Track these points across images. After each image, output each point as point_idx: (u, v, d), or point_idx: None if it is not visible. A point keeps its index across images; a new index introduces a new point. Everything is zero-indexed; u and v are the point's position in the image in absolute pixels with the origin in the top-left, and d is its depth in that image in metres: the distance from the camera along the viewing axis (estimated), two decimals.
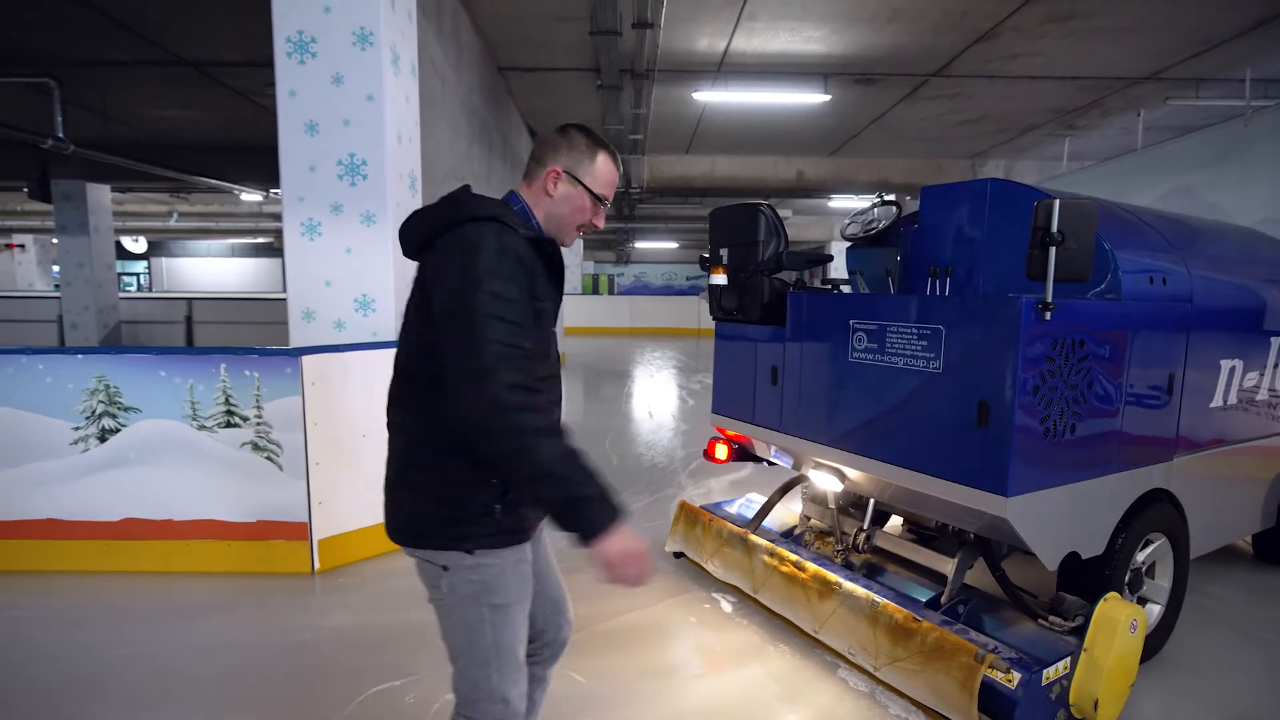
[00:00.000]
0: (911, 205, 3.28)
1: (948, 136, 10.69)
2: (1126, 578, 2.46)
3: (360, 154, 3.58)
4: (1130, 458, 2.40)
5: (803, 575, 2.69)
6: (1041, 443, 2.09)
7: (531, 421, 1.20)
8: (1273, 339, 3.01)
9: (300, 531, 3.29)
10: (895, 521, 3.39)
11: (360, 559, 3.47)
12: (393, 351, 1.53)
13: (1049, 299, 1.98)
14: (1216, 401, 2.76)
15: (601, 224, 1.51)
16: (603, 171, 1.47)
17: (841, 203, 15.77)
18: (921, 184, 13.13)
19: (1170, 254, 2.59)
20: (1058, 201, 1.96)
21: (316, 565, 3.32)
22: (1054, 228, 1.96)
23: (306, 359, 3.22)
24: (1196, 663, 2.65)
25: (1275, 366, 3.04)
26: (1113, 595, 2.21)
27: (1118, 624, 2.14)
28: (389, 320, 3.69)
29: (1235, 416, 2.87)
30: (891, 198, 3.30)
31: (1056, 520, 2.19)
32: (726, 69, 7.71)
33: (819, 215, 20.19)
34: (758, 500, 3.58)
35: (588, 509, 1.20)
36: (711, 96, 8.24)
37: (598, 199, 1.47)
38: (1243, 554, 3.63)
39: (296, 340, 3.64)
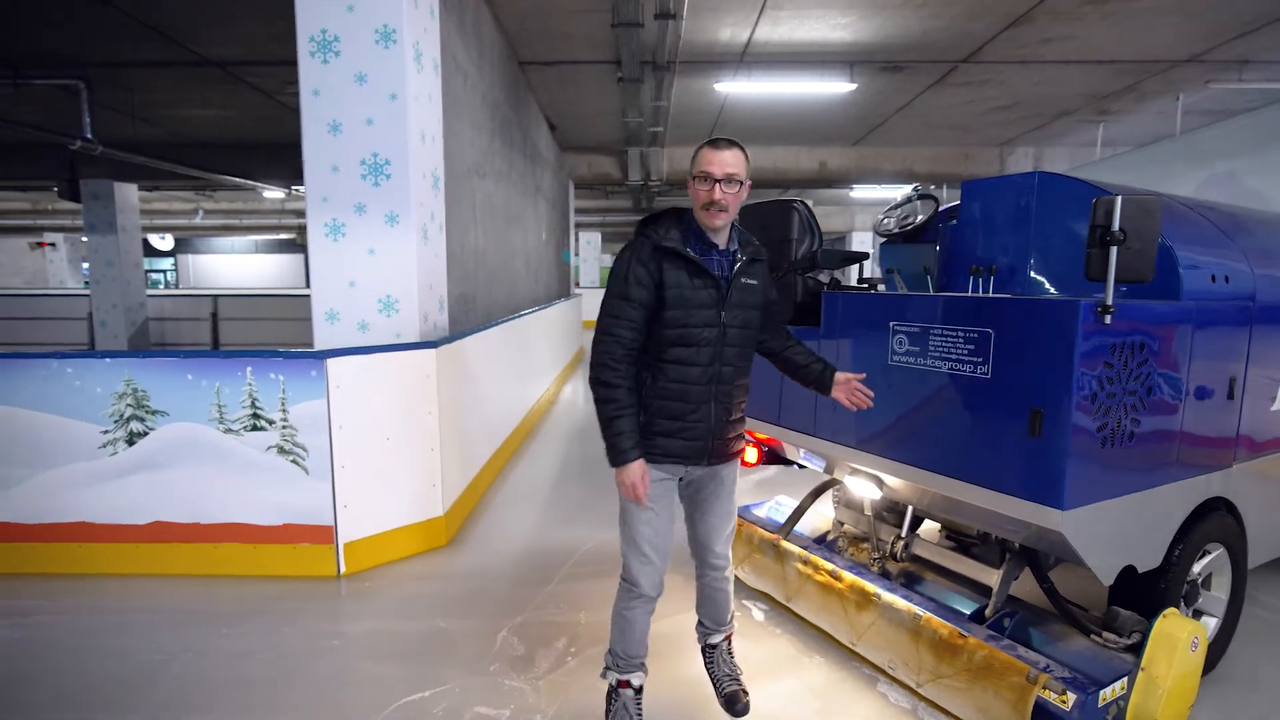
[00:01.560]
0: (947, 198, 3.16)
1: (976, 124, 10.42)
2: (1183, 590, 2.34)
3: (383, 153, 3.53)
4: (1189, 465, 2.28)
5: (839, 585, 2.60)
6: (1098, 453, 1.98)
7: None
8: None
9: (326, 535, 3.27)
10: (930, 526, 3.29)
11: (386, 562, 3.45)
12: (416, 353, 2.02)
13: (1109, 301, 1.86)
14: (1278, 404, 2.61)
15: (718, 195, 1.92)
16: (696, 158, 1.97)
17: (863, 193, 15.53)
18: (947, 173, 12.83)
19: (1231, 249, 2.45)
20: (1120, 198, 1.84)
21: (342, 569, 3.30)
22: (1115, 226, 1.85)
23: (331, 362, 3.19)
24: (1254, 678, 2.53)
25: None
26: (1172, 611, 2.11)
27: (1178, 642, 2.04)
28: (412, 321, 3.65)
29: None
30: (929, 191, 3.18)
31: (1112, 533, 2.08)
32: (749, 59, 7.56)
33: (840, 205, 19.91)
34: (787, 503, 3.49)
35: (611, 449, 1.95)
36: (733, 88, 8.10)
37: (696, 177, 1.96)
38: None
39: (320, 341, 3.62)
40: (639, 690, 2.16)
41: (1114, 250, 1.86)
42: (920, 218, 3.09)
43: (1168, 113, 9.43)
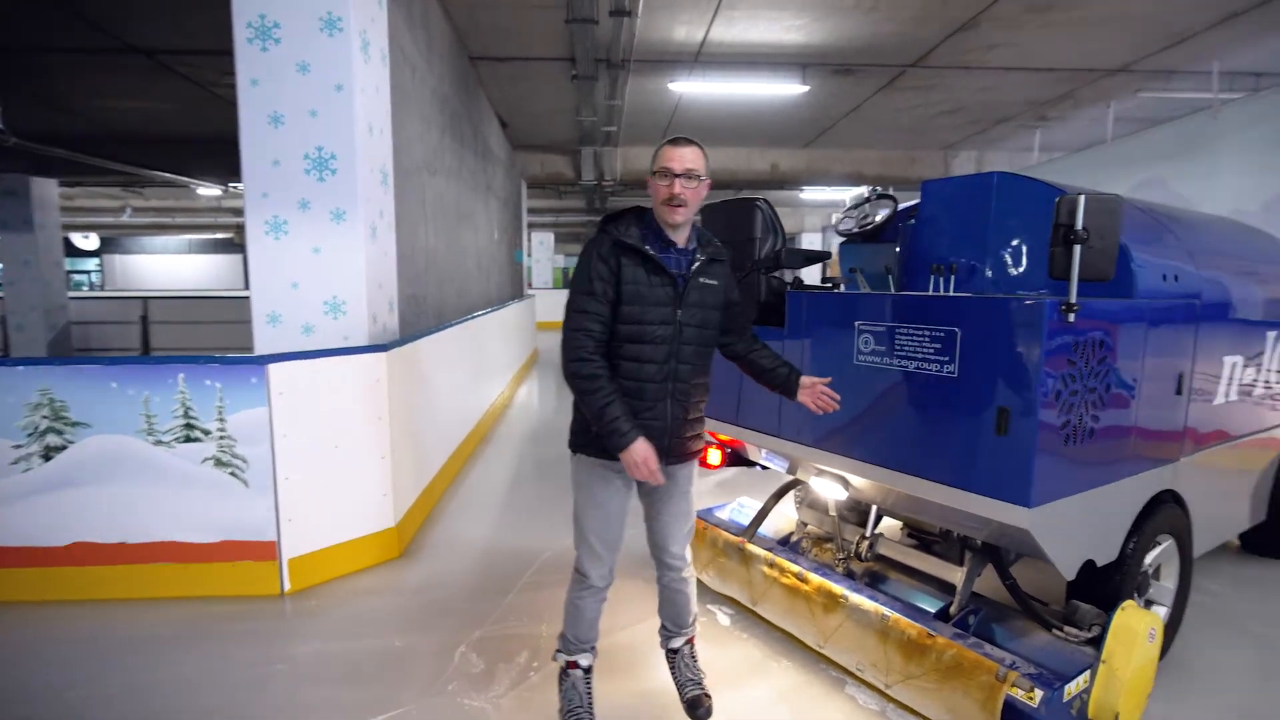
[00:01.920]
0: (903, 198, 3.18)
1: (922, 128, 10.70)
2: (1137, 582, 2.39)
3: (329, 147, 3.36)
4: (1142, 460, 2.33)
5: (806, 588, 2.58)
6: (1062, 450, 2.00)
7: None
8: (1268, 332, 2.98)
9: (268, 551, 3.08)
10: (892, 523, 3.31)
11: (334, 578, 3.27)
12: (365, 357, 2.00)
13: (1073, 300, 1.88)
14: (1219, 398, 2.71)
15: (678, 190, 1.94)
16: (656, 155, 2.00)
17: (813, 194, 15.78)
18: (895, 175, 13.13)
19: (1177, 249, 2.53)
20: (1083, 197, 1.86)
21: (287, 586, 3.11)
22: (1078, 225, 1.86)
23: (274, 367, 3.01)
24: (1200, 664, 2.61)
25: (1270, 360, 3.01)
26: (1129, 603, 2.14)
27: (1136, 634, 2.07)
28: (361, 324, 3.48)
29: (1235, 412, 2.84)
30: (887, 191, 3.20)
31: (1074, 529, 2.10)
32: (704, 59, 7.56)
33: (791, 207, 20.19)
34: (750, 505, 3.46)
35: (611, 437, 1.92)
36: (688, 87, 8.09)
37: (656, 174, 1.98)
38: (1227, 548, 3.62)
39: (261, 346, 3.42)
40: (588, 670, 2.24)
41: (1077, 249, 1.88)
42: (879, 217, 3.10)
43: (1100, 120, 9.84)
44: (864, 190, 15.17)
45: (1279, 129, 7.01)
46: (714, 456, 3.21)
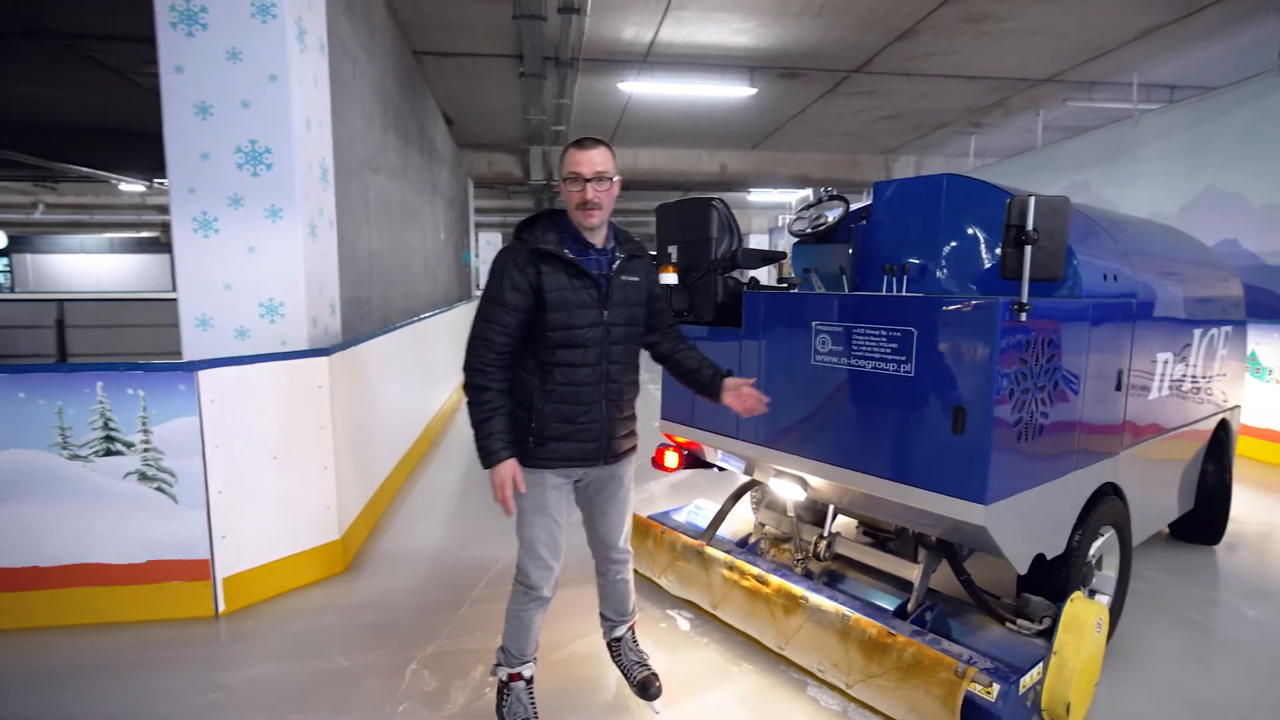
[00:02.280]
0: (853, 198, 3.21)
1: (865, 132, 10.97)
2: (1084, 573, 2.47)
3: (263, 140, 3.18)
4: (1087, 454, 2.41)
5: (766, 590, 2.57)
6: (1015, 447, 2.04)
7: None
8: (1194, 330, 3.13)
9: (201, 570, 2.89)
10: (847, 521, 3.34)
11: (274, 595, 3.09)
12: (305, 362, 2.30)
13: (1025, 299, 1.91)
14: (1154, 393, 2.83)
15: (590, 195, 1.94)
16: (564, 160, 1.99)
17: (760, 196, 16.00)
18: (838, 178, 13.44)
19: (1115, 251, 2.62)
20: (1033, 198, 1.89)
21: (221, 607, 2.92)
22: (1029, 226, 1.90)
23: (204, 374, 2.82)
24: (1139, 649, 2.71)
25: (1196, 356, 3.16)
26: (1077, 595, 2.20)
27: (1085, 625, 2.13)
28: (300, 327, 3.31)
29: (1167, 406, 2.97)
30: (838, 193, 3.23)
31: (1026, 524, 2.15)
32: (653, 59, 7.55)
33: (740, 209, 20.44)
34: (707, 507, 3.45)
35: (482, 451, 1.94)
36: (637, 87, 8.07)
37: (566, 179, 1.97)
38: (1159, 536, 3.80)
39: (191, 351, 3.21)
40: (530, 680, 2.21)
41: (1028, 250, 1.91)
42: (832, 218, 3.12)
43: (1030, 128, 10.30)
44: (807, 194, 15.48)
45: (1193, 138, 7.46)
46: (670, 459, 3.18)
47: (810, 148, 12.27)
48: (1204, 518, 3.53)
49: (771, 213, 20.26)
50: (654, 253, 3.05)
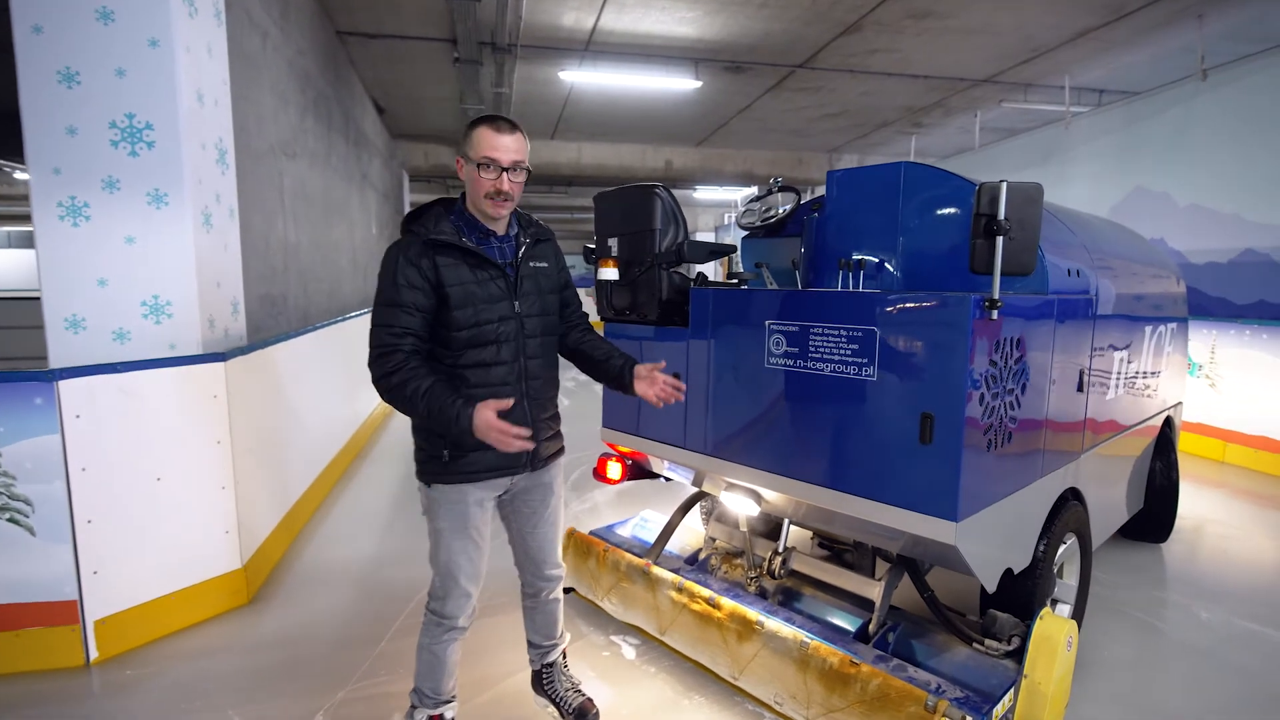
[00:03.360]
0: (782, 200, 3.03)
1: (809, 130, 10.96)
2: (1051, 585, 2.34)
3: (143, 115, 2.77)
4: (1051, 460, 2.28)
5: (718, 614, 2.35)
6: (985, 457, 1.87)
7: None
8: (1145, 327, 3.07)
9: (68, 613, 2.48)
10: (801, 532, 3.16)
11: (160, 637, 2.70)
12: (197, 368, 2.13)
13: (996, 295, 1.74)
14: (1111, 393, 2.74)
15: (506, 186, 1.73)
16: (476, 140, 1.73)
17: (706, 193, 15.92)
18: (783, 175, 13.47)
19: (1076, 246, 2.51)
20: (1005, 184, 1.72)
21: (93, 654, 2.52)
22: (1001, 214, 1.73)
23: (66, 384, 2.42)
24: (1100, 659, 2.62)
25: (1146, 353, 3.11)
26: (1047, 612, 2.06)
27: (1057, 644, 1.98)
28: (191, 328, 2.91)
29: (1122, 405, 2.89)
30: (790, 184, 3.05)
31: (996, 538, 1.99)
32: (595, 48, 7.28)
33: (685, 206, 20.34)
34: (654, 520, 3.22)
35: (457, 423, 1.62)
36: (579, 77, 7.78)
37: (479, 165, 1.72)
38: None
39: (59, 356, 2.78)
40: None
41: (999, 241, 1.74)
42: (783, 210, 2.94)
43: (968, 129, 10.48)
44: (753, 191, 15.49)
45: (1122, 140, 7.67)
46: (613, 470, 2.93)
47: (756, 145, 12.21)
48: (1153, 516, 3.50)
49: (718, 210, 20.26)
50: (592, 246, 2.80)
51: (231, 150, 3.35)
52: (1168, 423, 3.56)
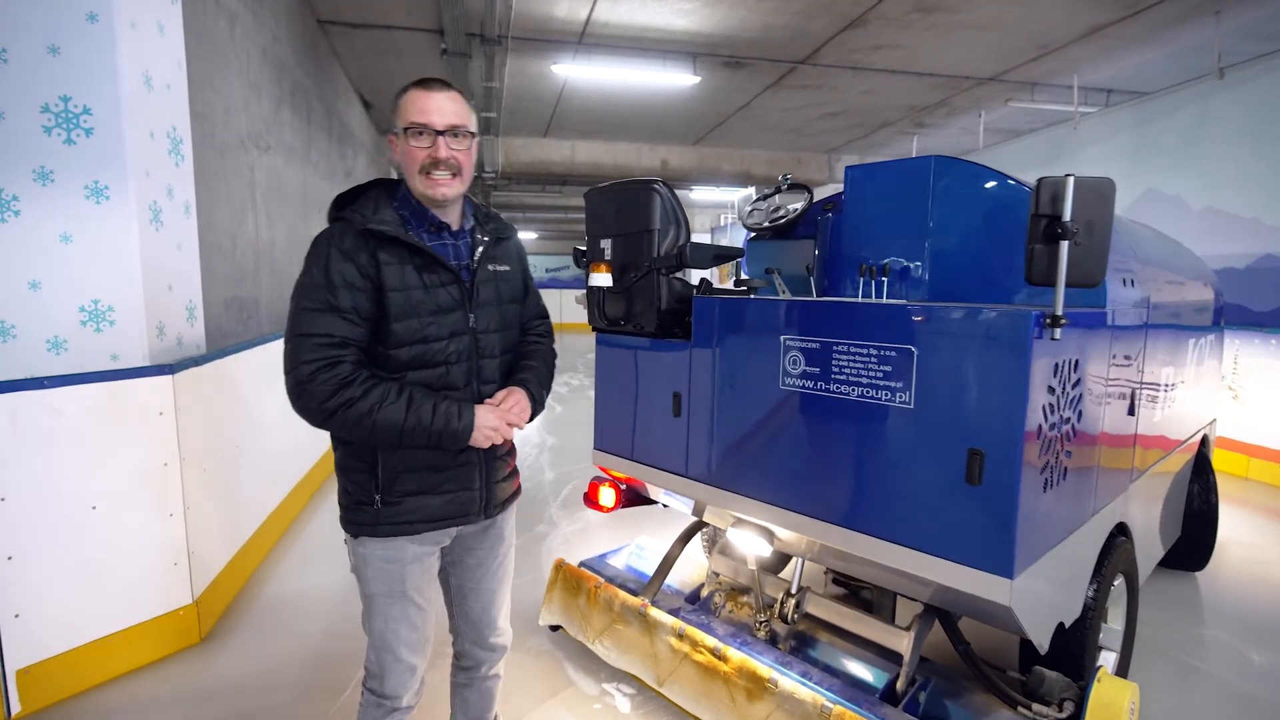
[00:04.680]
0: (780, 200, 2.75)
1: (808, 129, 10.71)
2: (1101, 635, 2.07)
3: (80, 98, 2.47)
4: (1102, 496, 2.01)
5: (724, 667, 2.06)
6: (1040, 499, 1.60)
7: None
8: (1189, 339, 2.82)
9: None
10: (813, 567, 2.89)
11: (91, 687, 2.40)
12: (140, 382, 2.02)
13: (1059, 311, 1.47)
14: (1158, 414, 2.48)
15: (443, 152, 1.41)
16: (404, 106, 1.42)
17: (702, 194, 15.65)
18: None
19: (1124, 250, 2.24)
20: (1072, 179, 1.45)
21: (15, 709, 2.22)
22: (1066, 215, 1.45)
23: None
24: (1149, 715, 2.34)
25: (1189, 368, 2.85)
26: (1104, 673, 1.79)
27: (1118, 712, 1.71)
28: (137, 337, 2.61)
29: (1167, 425, 2.63)
30: (800, 181, 2.77)
31: (1048, 591, 1.72)
32: (589, 41, 6.99)
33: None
34: (650, 548, 2.94)
35: (447, 428, 1.39)
36: (573, 71, 7.48)
37: (406, 132, 1.41)
38: None
39: None
40: None
41: (1064, 246, 1.47)
42: (795, 209, 2.66)
43: (971, 129, 10.25)
44: (750, 192, 15.20)
45: (1133, 140, 7.45)
46: (606, 496, 2.65)
47: (753, 144, 11.95)
48: (1191, 542, 3.24)
49: (714, 211, 19.99)
50: (582, 248, 2.52)
51: (189, 140, 3.05)
52: (1203, 441, 3.30)
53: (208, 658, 2.63)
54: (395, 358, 1.40)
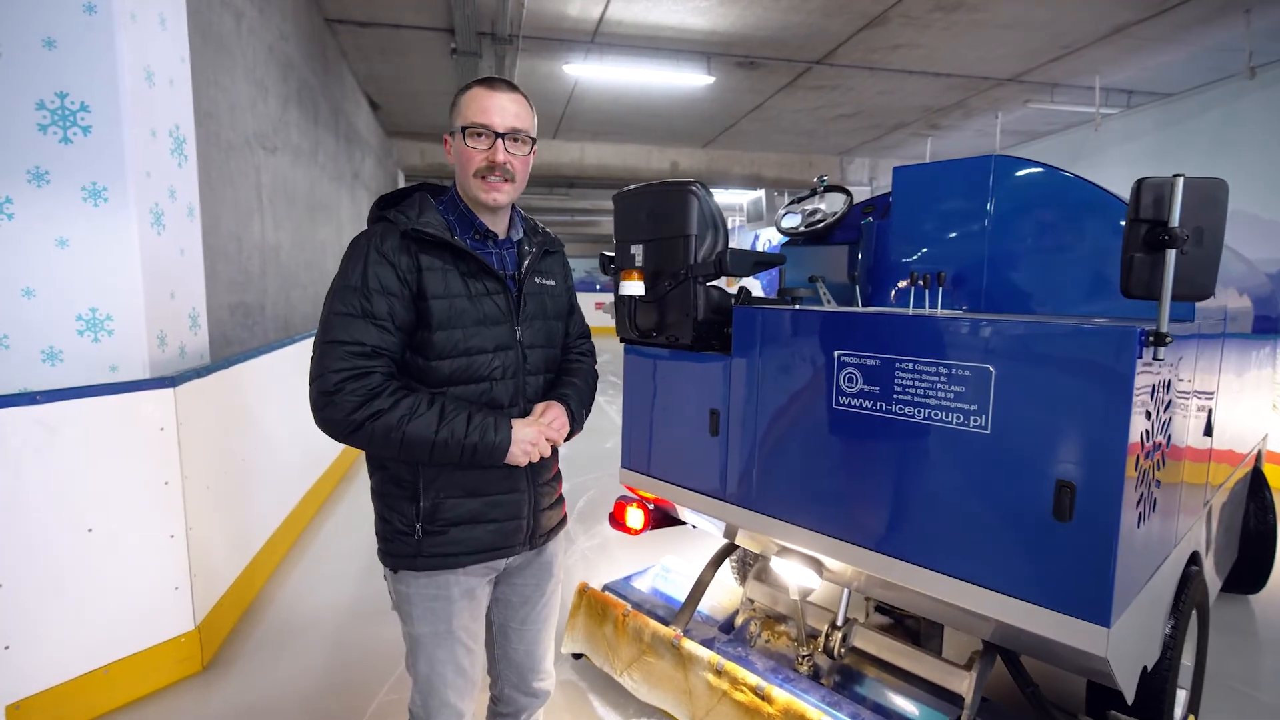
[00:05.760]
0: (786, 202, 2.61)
1: (821, 131, 10.55)
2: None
3: (77, 94, 2.33)
4: (1182, 525, 1.85)
5: (768, 709, 1.90)
6: (1134, 536, 1.44)
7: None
8: (1253, 350, 2.65)
9: None
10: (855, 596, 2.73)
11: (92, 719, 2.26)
12: (139, 395, 1.96)
13: (1164, 328, 1.31)
14: (1229, 431, 2.31)
15: (500, 156, 1.31)
16: (464, 104, 1.34)
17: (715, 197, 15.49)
18: (793, 179, 12.99)
19: None
20: (1181, 179, 1.29)
21: None
22: (1173, 219, 1.29)
23: None
24: None
25: (1252, 380, 2.69)
26: None
27: None
28: (137, 346, 2.47)
29: (1234, 442, 2.46)
30: (837, 183, 2.62)
31: (1138, 635, 1.56)
32: (601, 40, 6.85)
33: None
34: (677, 569, 2.78)
35: (483, 445, 1.27)
36: (585, 71, 7.34)
37: (466, 132, 1.31)
38: None
39: None
40: None
41: (1170, 255, 1.31)
42: (835, 213, 2.51)
43: (987, 131, 10.09)
44: (759, 195, 15.02)
45: (1156, 142, 7.27)
46: (634, 518, 2.49)
47: (764, 147, 11.80)
48: (1247, 564, 3.07)
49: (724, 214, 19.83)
50: (610, 253, 2.37)
51: (192, 140, 2.91)
52: (1257, 457, 3.13)
53: (210, 688, 2.48)
54: (437, 370, 1.31)
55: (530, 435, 1.33)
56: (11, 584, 2.07)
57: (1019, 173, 1.96)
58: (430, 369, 1.31)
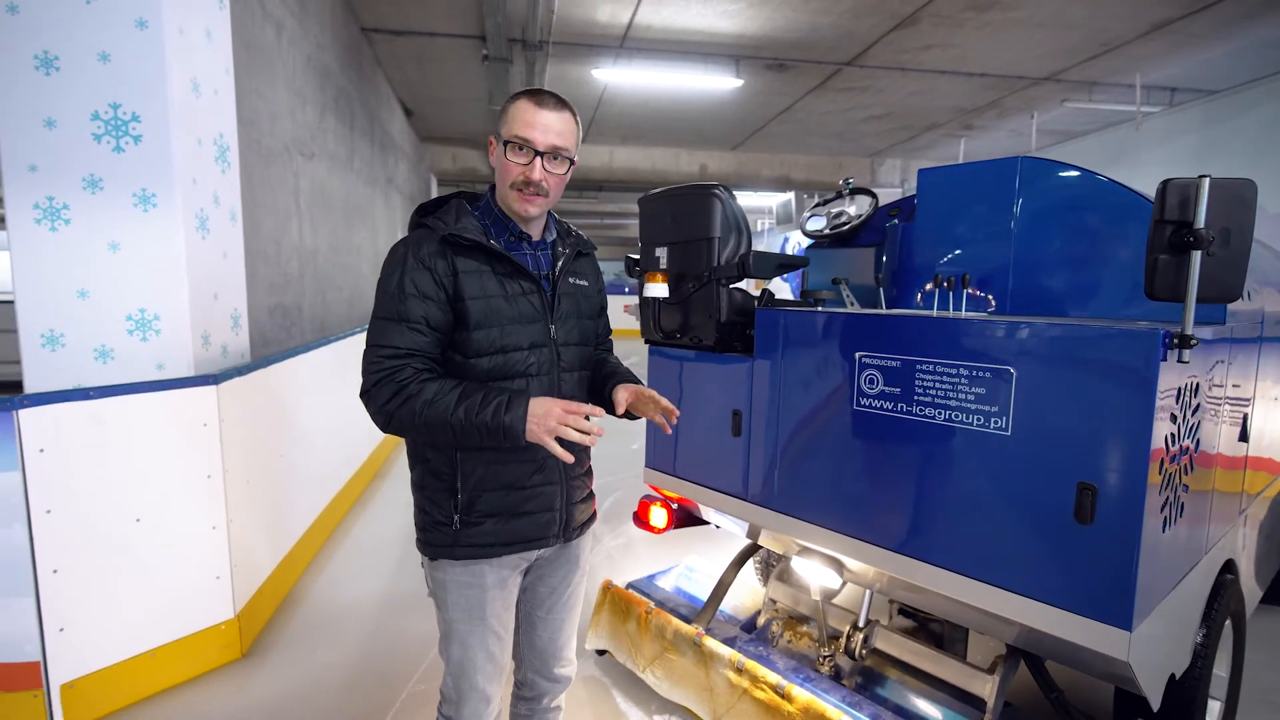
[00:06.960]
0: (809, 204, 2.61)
1: (851, 133, 10.48)
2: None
3: (129, 105, 2.45)
4: (1214, 531, 1.81)
5: (788, 707, 1.92)
6: (1158, 540, 1.42)
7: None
8: None
9: (29, 676, 2.14)
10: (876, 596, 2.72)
11: (133, 703, 2.36)
12: (185, 393, 2.08)
13: (1189, 330, 1.30)
14: (1266, 436, 2.26)
15: (537, 175, 1.34)
16: (511, 114, 1.36)
17: (742, 199, 15.47)
18: (822, 181, 12.94)
19: None
20: (1207, 180, 1.28)
21: None
22: (1199, 220, 1.28)
23: (27, 414, 2.08)
24: None
25: None
26: None
27: None
28: (182, 346, 2.58)
29: (1273, 448, 2.40)
30: (863, 185, 2.62)
31: (1164, 641, 1.54)
32: (630, 45, 6.91)
33: None
34: (700, 569, 2.80)
35: (497, 420, 1.26)
36: (614, 75, 7.42)
37: (508, 144, 1.35)
38: None
39: (36, 377, 2.46)
40: None
41: (1196, 256, 1.30)
42: (860, 215, 2.51)
43: (1022, 131, 9.91)
44: (789, 198, 14.94)
45: (1200, 140, 7.06)
46: (658, 517, 2.52)
47: (794, 149, 11.75)
48: None
49: (751, 216, 19.79)
50: (635, 256, 2.41)
51: (235, 147, 3.03)
52: None
53: (249, 674, 2.58)
54: (475, 367, 1.37)
55: (544, 410, 1.26)
56: (66, 570, 2.18)
57: (1046, 175, 1.95)
58: (469, 366, 1.36)
